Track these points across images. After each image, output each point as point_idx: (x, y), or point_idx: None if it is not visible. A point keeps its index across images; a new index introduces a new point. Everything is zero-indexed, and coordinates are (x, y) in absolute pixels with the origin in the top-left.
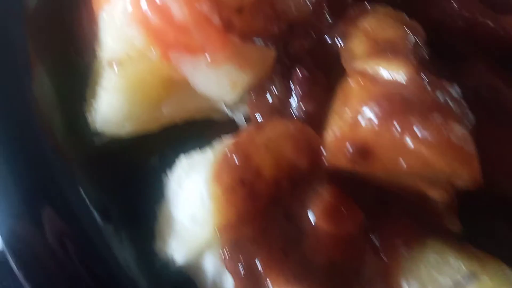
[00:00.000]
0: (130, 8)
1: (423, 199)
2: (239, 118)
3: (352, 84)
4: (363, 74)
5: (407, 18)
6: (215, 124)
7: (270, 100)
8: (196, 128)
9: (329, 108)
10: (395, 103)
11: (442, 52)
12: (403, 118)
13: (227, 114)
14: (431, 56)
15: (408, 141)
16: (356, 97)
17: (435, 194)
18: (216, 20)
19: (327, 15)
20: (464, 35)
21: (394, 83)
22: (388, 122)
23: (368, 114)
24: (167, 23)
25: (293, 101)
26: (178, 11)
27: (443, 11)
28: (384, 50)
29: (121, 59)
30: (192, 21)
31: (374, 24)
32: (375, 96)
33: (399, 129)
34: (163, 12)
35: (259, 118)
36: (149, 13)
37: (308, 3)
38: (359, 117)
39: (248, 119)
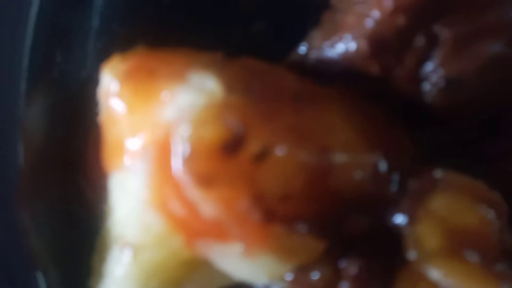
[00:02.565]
0: (147, 193)
1: None
2: None
3: None
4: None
5: (487, 191)
6: None
7: (314, 281)
8: None
9: None
10: None
11: None
12: None
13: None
14: None
15: None
16: None
17: None
18: (255, 215)
19: (390, 188)
20: None
21: None
22: None
23: None
24: (195, 217)
25: (343, 287)
26: (209, 210)
27: None
28: (463, 247)
29: (135, 244)
30: (227, 219)
31: (448, 205)
32: None
33: None
34: (190, 206)
35: None
36: (172, 204)
37: (370, 176)
38: None
39: None
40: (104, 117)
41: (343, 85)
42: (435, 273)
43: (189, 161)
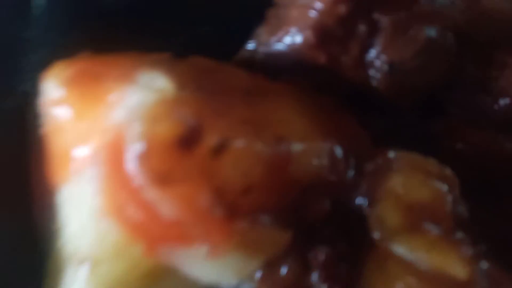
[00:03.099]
0: (99, 200)
1: None
2: None
3: (392, 275)
4: (404, 263)
5: (438, 166)
6: None
7: (284, 275)
8: None
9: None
10: None
11: None
12: None
13: None
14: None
15: None
16: None
17: None
18: (218, 211)
19: (348, 172)
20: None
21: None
22: None
23: None
24: (154, 220)
25: (313, 277)
26: (168, 211)
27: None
28: (422, 220)
29: (91, 258)
30: (188, 218)
31: (403, 183)
32: None
33: None
34: (147, 209)
35: None
36: (128, 209)
37: (327, 162)
38: None
39: None
40: (48, 128)
41: (293, 77)
42: (400, 249)
43: (144, 159)
